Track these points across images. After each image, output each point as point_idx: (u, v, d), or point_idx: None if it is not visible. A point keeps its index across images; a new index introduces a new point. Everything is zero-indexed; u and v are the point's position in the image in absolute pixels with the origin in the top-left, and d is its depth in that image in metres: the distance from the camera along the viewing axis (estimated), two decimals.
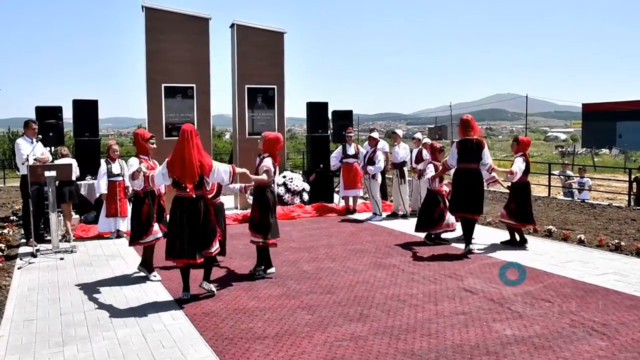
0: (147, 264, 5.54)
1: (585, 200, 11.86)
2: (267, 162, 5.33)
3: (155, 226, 5.43)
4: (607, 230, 8.22)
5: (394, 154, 9.34)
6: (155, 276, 5.49)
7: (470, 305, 4.64)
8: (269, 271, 5.58)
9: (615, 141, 43.14)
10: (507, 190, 7.44)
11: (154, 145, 5.54)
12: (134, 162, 5.31)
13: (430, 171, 7.11)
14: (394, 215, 9.26)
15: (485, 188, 6.66)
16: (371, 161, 9.11)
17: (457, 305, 4.64)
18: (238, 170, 4.91)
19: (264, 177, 5.26)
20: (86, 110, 9.12)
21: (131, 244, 5.56)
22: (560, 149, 41.77)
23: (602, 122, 45.55)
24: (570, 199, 12.35)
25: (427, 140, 9.51)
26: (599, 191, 15.10)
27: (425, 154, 9.15)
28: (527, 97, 28.02)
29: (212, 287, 4.94)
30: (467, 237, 6.54)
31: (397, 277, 5.55)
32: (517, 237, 6.92)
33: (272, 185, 5.51)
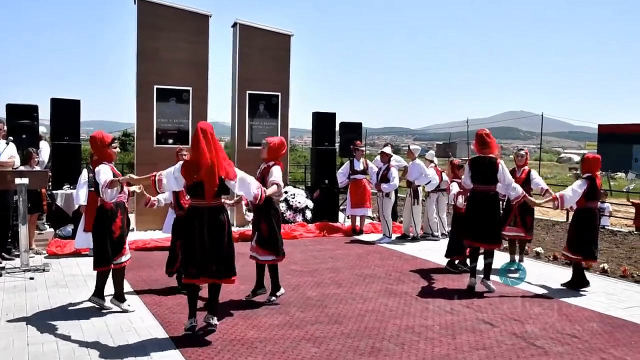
0: (117, 292, 5.04)
1: (606, 227, 11.71)
2: (277, 174, 5.18)
3: (126, 245, 5.08)
4: (631, 259, 8.13)
5: (408, 172, 9.20)
6: (129, 305, 5.05)
7: (492, 339, 4.50)
8: (278, 293, 5.42)
9: (631, 165, 43.18)
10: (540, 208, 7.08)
11: (117, 149, 5.11)
12: (105, 170, 4.82)
13: (454, 188, 6.84)
14: (404, 237, 9.11)
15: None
16: (385, 178, 8.99)
17: (477, 339, 4.49)
18: (269, 192, 4.83)
19: (274, 189, 5.07)
20: (66, 110, 8.86)
21: (100, 266, 4.92)
22: (574, 171, 41.74)
23: (618, 145, 45.66)
24: None
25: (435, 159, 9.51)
26: (616, 217, 14.97)
27: (432, 172, 9.08)
28: (542, 115, 28.09)
29: (216, 320, 4.57)
30: (485, 271, 6.03)
31: (410, 306, 5.38)
32: (580, 277, 6.13)
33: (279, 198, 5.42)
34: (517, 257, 7.18)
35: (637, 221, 11.93)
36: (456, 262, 6.93)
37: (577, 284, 6.14)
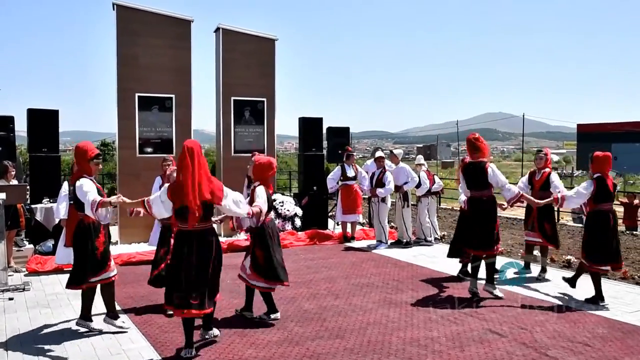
0: (110, 310, 4.76)
1: None
2: (259, 198, 4.79)
3: (112, 259, 4.79)
4: (628, 260, 8.02)
5: (394, 177, 9.01)
6: (124, 322, 4.77)
7: (501, 350, 4.30)
8: (273, 316, 5.04)
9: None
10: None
11: (100, 166, 4.85)
12: (89, 186, 4.51)
13: (463, 187, 6.66)
14: (398, 243, 8.91)
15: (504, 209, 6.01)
16: (380, 183, 8.77)
17: (487, 350, 4.29)
18: (257, 209, 4.63)
19: (256, 209, 4.68)
20: (44, 121, 8.55)
21: (81, 284, 4.58)
22: (556, 171, 42.42)
23: (597, 144, 46.58)
24: (580, 225, 12.17)
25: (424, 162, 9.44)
26: None
27: (424, 176, 8.93)
28: (523, 116, 28.37)
29: (215, 331, 4.44)
30: (487, 274, 5.83)
31: (412, 316, 5.16)
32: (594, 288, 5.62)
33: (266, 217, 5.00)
34: (532, 264, 6.93)
35: (626, 220, 11.96)
36: (466, 268, 6.62)
37: (592, 298, 5.65)
